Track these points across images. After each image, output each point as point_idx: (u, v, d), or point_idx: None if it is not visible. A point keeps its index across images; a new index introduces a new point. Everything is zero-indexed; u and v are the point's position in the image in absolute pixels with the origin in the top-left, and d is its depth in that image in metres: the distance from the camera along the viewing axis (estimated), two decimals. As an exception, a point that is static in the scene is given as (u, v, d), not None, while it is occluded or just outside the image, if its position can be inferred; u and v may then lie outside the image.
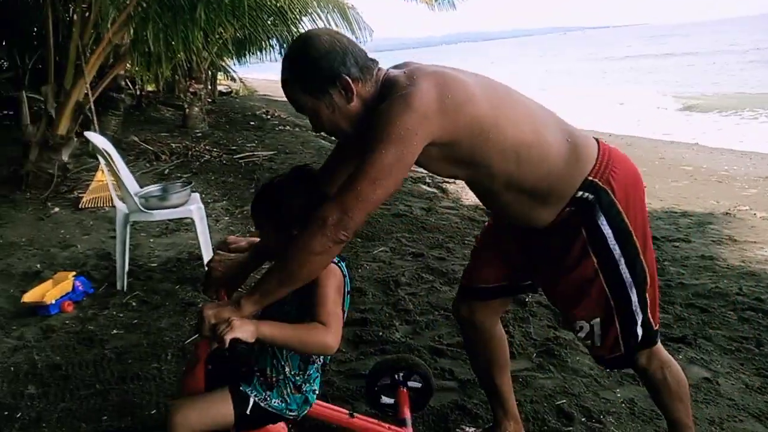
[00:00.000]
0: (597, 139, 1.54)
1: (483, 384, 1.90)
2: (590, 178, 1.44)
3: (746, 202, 5.31)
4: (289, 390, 1.48)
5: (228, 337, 1.20)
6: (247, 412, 1.43)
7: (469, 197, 5.64)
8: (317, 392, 1.57)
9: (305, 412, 1.55)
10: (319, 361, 1.53)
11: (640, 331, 1.53)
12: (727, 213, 4.94)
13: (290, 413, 1.50)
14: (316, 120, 1.40)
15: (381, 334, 2.66)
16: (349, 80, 1.33)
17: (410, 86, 1.30)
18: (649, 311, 1.53)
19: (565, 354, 2.49)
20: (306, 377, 1.50)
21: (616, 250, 1.47)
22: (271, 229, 1.47)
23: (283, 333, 1.31)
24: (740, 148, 8.74)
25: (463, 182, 1.53)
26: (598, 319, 1.53)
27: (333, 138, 1.64)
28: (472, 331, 1.80)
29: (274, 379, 1.48)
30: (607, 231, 1.45)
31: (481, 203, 1.60)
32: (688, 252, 3.92)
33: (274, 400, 1.47)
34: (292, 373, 1.48)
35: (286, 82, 1.37)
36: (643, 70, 26.19)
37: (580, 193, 1.45)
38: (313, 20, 8.09)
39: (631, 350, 1.56)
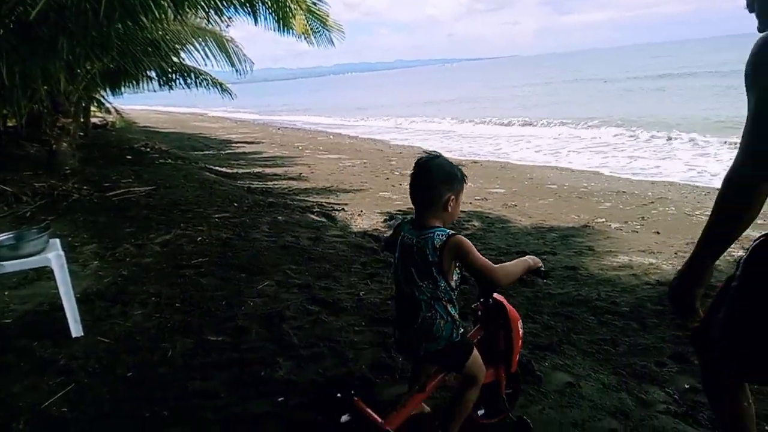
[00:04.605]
0: None
1: None
2: None
3: (602, 214, 5.89)
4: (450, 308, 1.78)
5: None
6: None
7: (357, 224, 5.70)
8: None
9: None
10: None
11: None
12: (586, 226, 5.44)
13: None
14: None
15: (262, 373, 2.60)
16: None
17: None
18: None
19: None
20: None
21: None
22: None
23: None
24: (596, 169, 9.59)
25: (356, 207, 1.47)
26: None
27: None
28: None
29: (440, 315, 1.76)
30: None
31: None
32: (554, 264, 4.26)
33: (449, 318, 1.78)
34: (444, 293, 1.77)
35: None
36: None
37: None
38: (189, 52, 7.89)
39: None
